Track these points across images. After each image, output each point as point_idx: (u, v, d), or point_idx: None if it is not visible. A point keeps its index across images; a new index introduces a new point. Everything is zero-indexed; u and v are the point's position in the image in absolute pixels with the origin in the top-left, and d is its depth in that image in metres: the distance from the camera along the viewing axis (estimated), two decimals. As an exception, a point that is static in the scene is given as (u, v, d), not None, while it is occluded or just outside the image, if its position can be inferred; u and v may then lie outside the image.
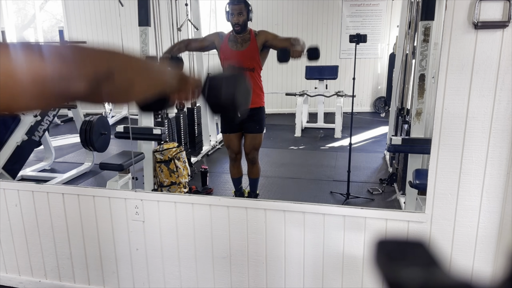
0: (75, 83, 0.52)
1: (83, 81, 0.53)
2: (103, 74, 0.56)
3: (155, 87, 0.66)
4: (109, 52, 0.59)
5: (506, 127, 1.73)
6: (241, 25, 2.98)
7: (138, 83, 0.62)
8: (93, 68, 0.55)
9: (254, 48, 3.01)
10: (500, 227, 1.84)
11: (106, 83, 0.56)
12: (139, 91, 0.63)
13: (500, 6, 1.64)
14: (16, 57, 0.49)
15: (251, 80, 3.05)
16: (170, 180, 3.63)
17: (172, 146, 3.70)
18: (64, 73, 0.51)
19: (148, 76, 0.64)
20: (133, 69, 0.61)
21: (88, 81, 0.53)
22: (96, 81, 0.54)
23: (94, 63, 0.55)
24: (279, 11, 6.83)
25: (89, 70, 0.54)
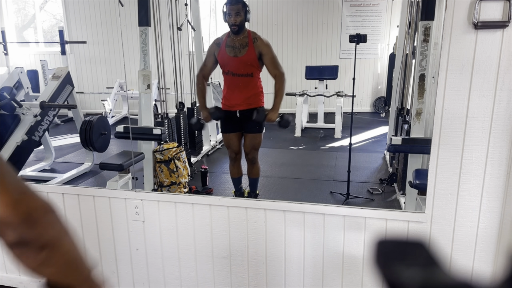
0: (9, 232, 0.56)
1: (16, 235, 0.56)
2: (41, 242, 0.58)
3: (66, 280, 0.65)
4: (63, 231, 0.62)
5: (506, 127, 1.73)
6: (238, 25, 2.97)
7: (59, 268, 0.63)
8: (37, 233, 0.57)
9: (251, 54, 2.98)
10: (500, 227, 1.84)
11: (33, 250, 0.58)
12: (54, 274, 0.63)
13: (500, 6, 1.64)
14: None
15: (250, 84, 3.07)
16: (170, 180, 3.63)
17: (172, 146, 3.70)
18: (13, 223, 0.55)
19: (72, 271, 0.65)
20: (64, 257, 0.63)
21: (20, 238, 0.56)
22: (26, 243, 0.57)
23: (43, 231, 0.58)
24: (279, 11, 6.83)
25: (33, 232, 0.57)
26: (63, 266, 0.63)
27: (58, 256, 0.62)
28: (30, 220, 0.57)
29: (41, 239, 0.58)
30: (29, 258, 0.59)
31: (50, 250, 0.60)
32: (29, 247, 0.58)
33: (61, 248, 0.62)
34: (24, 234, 0.57)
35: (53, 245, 0.60)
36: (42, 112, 3.89)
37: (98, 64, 7.00)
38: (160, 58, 4.03)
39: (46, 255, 0.59)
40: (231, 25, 2.98)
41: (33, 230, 0.57)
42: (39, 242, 0.58)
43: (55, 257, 0.61)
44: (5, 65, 6.09)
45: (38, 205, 0.59)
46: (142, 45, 3.42)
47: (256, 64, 3.01)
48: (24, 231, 0.56)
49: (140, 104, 3.50)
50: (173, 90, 4.52)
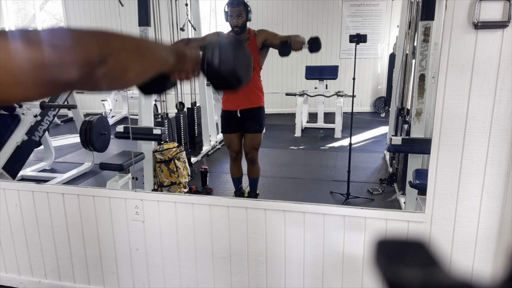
0: (67, 70, 0.50)
1: (75, 67, 0.51)
2: (96, 59, 0.53)
3: (152, 69, 0.63)
4: (101, 36, 0.56)
5: (506, 127, 1.73)
6: (240, 27, 2.98)
7: (133, 66, 0.59)
8: (85, 54, 0.52)
9: (253, 47, 3.00)
10: (500, 227, 1.84)
11: (99, 69, 0.53)
12: (136, 74, 0.61)
13: (500, 6, 1.64)
14: (5, 44, 0.47)
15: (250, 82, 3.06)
16: (170, 180, 3.63)
17: (172, 146, 3.70)
18: (55, 60, 0.49)
19: (144, 57, 0.62)
20: (127, 52, 0.59)
21: (80, 67, 0.51)
22: (88, 67, 0.52)
23: (85, 48, 0.53)
24: (279, 11, 6.83)
25: (80, 56, 0.52)
26: (138, 60, 0.60)
27: (126, 55, 0.58)
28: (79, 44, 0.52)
29: (93, 54, 0.53)
30: (108, 78, 0.56)
31: (113, 58, 0.55)
32: (96, 69, 0.53)
33: (124, 49, 0.58)
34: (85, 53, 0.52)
35: (112, 53, 0.56)
36: (42, 112, 3.89)
37: (98, 64, 6.99)
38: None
39: (114, 63, 0.55)
40: (233, 26, 2.99)
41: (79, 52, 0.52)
42: (95, 56, 0.53)
43: (124, 58, 0.57)
44: (5, 65, 6.07)
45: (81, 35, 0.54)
46: (142, 45, 3.42)
47: (257, 58, 3.03)
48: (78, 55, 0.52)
49: (140, 104, 3.50)
50: (173, 90, 4.52)
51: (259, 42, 3.01)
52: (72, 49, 0.52)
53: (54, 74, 0.50)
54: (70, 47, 0.52)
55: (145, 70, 0.62)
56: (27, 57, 0.48)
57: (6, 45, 0.47)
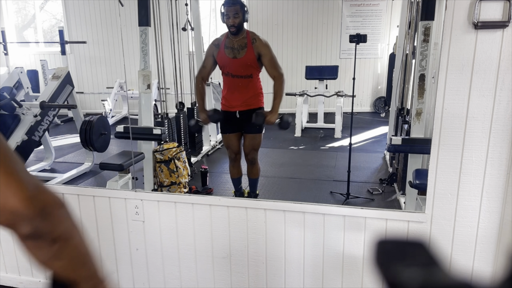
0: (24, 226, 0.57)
1: (31, 228, 0.57)
2: (53, 235, 0.60)
3: (74, 274, 0.66)
4: (74, 227, 0.64)
5: (506, 127, 1.73)
6: (236, 27, 2.96)
7: (68, 261, 0.64)
8: (51, 226, 0.59)
9: (251, 56, 2.97)
10: (500, 227, 1.84)
11: (45, 241, 0.60)
12: (64, 268, 0.64)
13: (500, 6, 1.64)
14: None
15: (249, 85, 3.06)
16: (170, 180, 3.63)
17: (172, 146, 3.70)
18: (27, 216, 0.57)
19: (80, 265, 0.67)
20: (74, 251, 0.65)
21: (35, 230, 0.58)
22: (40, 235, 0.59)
23: (56, 224, 0.60)
24: (279, 11, 6.83)
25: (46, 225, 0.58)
26: (73, 260, 0.65)
27: (69, 249, 0.63)
28: (44, 214, 0.58)
29: (54, 232, 0.60)
30: (41, 251, 0.61)
31: (62, 244, 0.62)
32: (42, 240, 0.59)
33: (72, 241, 0.64)
34: (38, 227, 0.58)
35: (65, 238, 0.62)
36: (42, 112, 3.89)
37: (98, 64, 7.00)
38: (160, 58, 4.04)
39: (58, 248, 0.61)
40: (229, 26, 2.97)
41: (47, 223, 0.59)
42: (52, 235, 0.60)
43: (66, 250, 0.63)
44: (5, 65, 6.09)
45: (52, 199, 0.61)
46: (142, 45, 3.42)
47: (256, 65, 3.01)
48: (39, 224, 0.58)
49: (140, 104, 3.50)
50: (173, 90, 4.52)
51: (256, 52, 2.96)
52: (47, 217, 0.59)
53: (13, 221, 0.57)
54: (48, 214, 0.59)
55: (70, 272, 0.66)
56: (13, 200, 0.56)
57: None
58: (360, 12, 6.90)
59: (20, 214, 0.56)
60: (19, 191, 0.57)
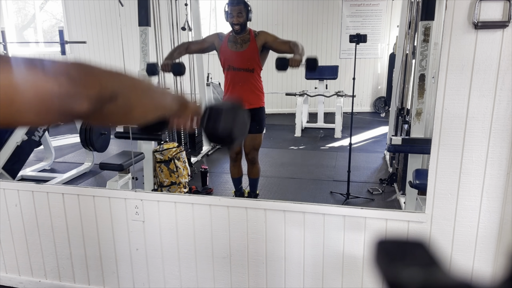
0: (78, 103, 0.53)
1: (86, 101, 0.53)
2: (107, 96, 0.56)
3: (155, 112, 0.67)
4: (114, 74, 0.59)
5: (506, 127, 1.73)
6: (240, 25, 2.98)
7: (139, 107, 0.63)
8: (98, 89, 0.55)
9: (253, 48, 3.00)
10: (500, 227, 1.84)
11: (108, 105, 0.57)
12: (140, 115, 0.64)
13: (500, 6, 1.64)
14: (20, 72, 0.49)
15: (250, 80, 3.07)
16: (170, 180, 3.63)
17: (172, 146, 3.70)
18: (69, 92, 0.52)
19: (150, 100, 0.65)
20: (136, 93, 0.62)
21: (91, 101, 0.54)
22: (99, 102, 0.55)
23: (99, 84, 0.56)
24: (279, 11, 6.83)
25: (93, 91, 0.54)
26: (143, 102, 0.63)
27: (133, 95, 0.61)
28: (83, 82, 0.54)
29: (104, 90, 0.56)
30: (112, 115, 0.59)
31: (122, 97, 0.59)
32: (105, 105, 0.56)
33: (133, 89, 0.62)
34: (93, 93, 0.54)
35: (122, 91, 0.59)
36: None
37: (98, 64, 6.99)
38: (160, 58, 4.04)
39: (122, 101, 0.59)
40: (233, 25, 2.99)
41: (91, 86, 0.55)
42: (105, 93, 0.56)
43: (131, 98, 0.61)
44: (5, 65, 6.08)
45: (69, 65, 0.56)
46: (142, 45, 3.42)
47: (258, 60, 3.02)
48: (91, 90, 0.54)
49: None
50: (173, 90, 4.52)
51: (260, 44, 3.00)
52: (86, 83, 0.54)
53: (66, 105, 0.52)
54: (84, 81, 0.54)
55: (149, 113, 0.66)
56: (42, 85, 0.50)
57: (20, 71, 0.50)
58: (360, 12, 6.90)
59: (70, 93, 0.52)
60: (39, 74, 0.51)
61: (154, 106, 0.67)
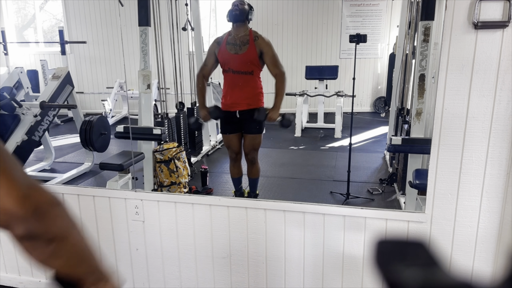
0: (18, 227, 0.56)
1: (24, 229, 0.56)
2: (49, 237, 0.59)
3: (76, 269, 0.66)
4: (67, 225, 0.63)
5: (506, 127, 1.73)
6: (240, 9, 2.98)
7: (67, 259, 0.64)
8: (44, 230, 0.58)
9: (252, 52, 2.98)
10: (500, 227, 1.84)
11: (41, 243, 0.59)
12: (63, 266, 0.64)
13: (500, 6, 1.64)
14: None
15: (250, 83, 3.06)
16: (170, 180, 3.63)
17: (172, 146, 3.70)
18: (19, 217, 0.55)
19: (79, 259, 0.66)
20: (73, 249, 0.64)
21: (29, 232, 0.57)
22: (36, 237, 0.58)
23: (49, 227, 0.59)
24: (279, 11, 6.83)
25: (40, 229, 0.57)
26: (71, 258, 0.64)
27: (67, 248, 0.62)
28: (38, 214, 0.57)
29: (50, 232, 0.59)
30: (38, 251, 0.60)
31: (58, 243, 0.60)
32: (38, 240, 0.59)
33: (70, 240, 0.63)
34: (33, 228, 0.57)
35: (61, 237, 0.61)
36: (42, 112, 3.89)
37: (98, 64, 7.00)
38: (160, 58, 4.03)
39: (55, 247, 0.60)
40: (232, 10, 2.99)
41: (42, 223, 0.58)
42: (48, 235, 0.59)
43: (63, 249, 0.62)
44: (5, 65, 6.09)
45: (46, 198, 0.60)
46: (142, 45, 3.42)
47: (257, 62, 3.01)
48: (33, 225, 0.57)
49: (140, 104, 3.50)
50: (173, 90, 4.52)
51: (258, 49, 2.98)
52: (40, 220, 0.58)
53: (5, 222, 0.56)
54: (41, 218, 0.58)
55: (71, 267, 0.65)
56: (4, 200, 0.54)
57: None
58: (360, 12, 6.90)
59: (13, 215, 0.55)
60: (12, 191, 0.55)
61: (79, 268, 0.66)
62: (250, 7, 3.06)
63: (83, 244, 0.67)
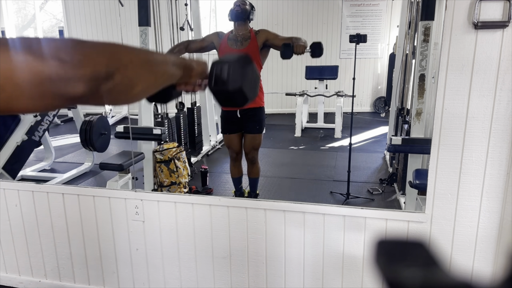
0: (73, 85, 0.50)
1: (81, 83, 0.50)
2: (103, 74, 0.52)
3: (159, 83, 0.64)
4: (109, 49, 0.55)
5: (506, 127, 1.73)
6: (241, 9, 3.00)
7: (140, 81, 0.59)
8: (92, 69, 0.51)
9: (254, 46, 3.00)
10: (500, 227, 1.84)
11: (106, 84, 0.53)
12: (142, 90, 0.60)
13: (500, 6, 1.64)
14: (13, 56, 0.47)
15: None
16: (170, 180, 3.63)
17: (172, 146, 3.70)
18: (62, 74, 0.49)
19: (151, 72, 0.61)
20: (135, 67, 0.58)
21: (87, 82, 0.50)
22: (95, 82, 0.51)
23: (92, 63, 0.52)
24: (279, 11, 6.83)
25: (87, 70, 0.51)
26: (142, 70, 0.59)
27: (133, 71, 0.57)
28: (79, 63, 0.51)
29: (101, 68, 0.53)
30: (116, 90, 0.55)
31: (120, 73, 0.54)
32: (100, 82, 0.52)
33: (131, 64, 0.57)
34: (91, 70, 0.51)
35: (118, 68, 0.55)
36: (42, 112, 3.89)
37: (98, 64, 6.99)
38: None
39: (122, 75, 0.55)
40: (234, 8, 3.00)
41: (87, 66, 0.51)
42: (102, 71, 0.53)
43: (130, 74, 0.57)
44: (5, 65, 6.08)
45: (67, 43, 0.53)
46: (142, 45, 3.42)
47: (258, 58, 3.02)
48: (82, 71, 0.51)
49: (140, 104, 3.50)
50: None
51: (260, 42, 3.01)
52: (79, 63, 0.51)
53: (60, 88, 0.49)
54: (77, 61, 0.51)
55: (152, 85, 0.62)
56: (33, 69, 0.47)
57: (10, 55, 0.47)
58: (360, 12, 6.90)
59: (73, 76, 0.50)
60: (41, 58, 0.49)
61: (157, 78, 0.62)
62: (252, 7, 3.08)
63: (144, 57, 0.61)
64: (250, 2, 3.09)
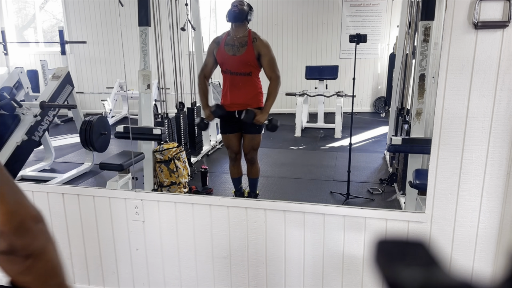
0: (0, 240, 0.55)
1: (7, 244, 0.56)
2: (29, 252, 0.59)
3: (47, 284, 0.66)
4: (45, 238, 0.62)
5: (506, 127, 1.73)
6: (239, 9, 2.97)
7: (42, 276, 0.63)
8: (27, 244, 0.58)
9: (250, 53, 2.98)
10: (500, 227, 1.84)
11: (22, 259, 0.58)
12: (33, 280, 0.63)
13: (500, 6, 1.64)
14: None
15: (248, 83, 3.06)
16: (170, 180, 3.63)
17: (172, 146, 3.70)
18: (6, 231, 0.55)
19: (54, 276, 0.66)
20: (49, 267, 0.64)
21: (10, 246, 0.56)
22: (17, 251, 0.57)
23: (32, 242, 0.59)
24: (279, 11, 6.83)
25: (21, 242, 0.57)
26: (43, 275, 0.64)
27: (41, 264, 0.62)
28: (21, 230, 0.58)
29: (29, 248, 0.59)
30: (13, 266, 0.60)
31: (35, 259, 0.61)
32: (15, 255, 0.59)
33: (45, 256, 0.63)
34: (14, 243, 0.57)
35: (39, 254, 0.61)
36: (42, 112, 3.88)
37: (98, 64, 7.00)
38: (160, 58, 4.03)
39: (31, 263, 0.60)
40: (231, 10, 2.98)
41: (23, 240, 0.58)
42: (27, 251, 0.59)
43: (38, 265, 0.62)
44: (5, 65, 6.09)
45: (31, 215, 0.60)
46: (142, 45, 3.42)
47: (255, 64, 3.01)
48: (15, 240, 0.57)
49: (140, 104, 3.50)
50: (173, 90, 4.52)
51: (256, 51, 2.97)
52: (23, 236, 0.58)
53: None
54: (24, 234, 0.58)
55: (37, 283, 0.65)
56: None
57: None
58: (360, 12, 6.90)
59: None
60: (1, 207, 0.55)
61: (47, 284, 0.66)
62: (250, 8, 3.05)
63: (57, 261, 0.67)
64: (248, 3, 3.07)
